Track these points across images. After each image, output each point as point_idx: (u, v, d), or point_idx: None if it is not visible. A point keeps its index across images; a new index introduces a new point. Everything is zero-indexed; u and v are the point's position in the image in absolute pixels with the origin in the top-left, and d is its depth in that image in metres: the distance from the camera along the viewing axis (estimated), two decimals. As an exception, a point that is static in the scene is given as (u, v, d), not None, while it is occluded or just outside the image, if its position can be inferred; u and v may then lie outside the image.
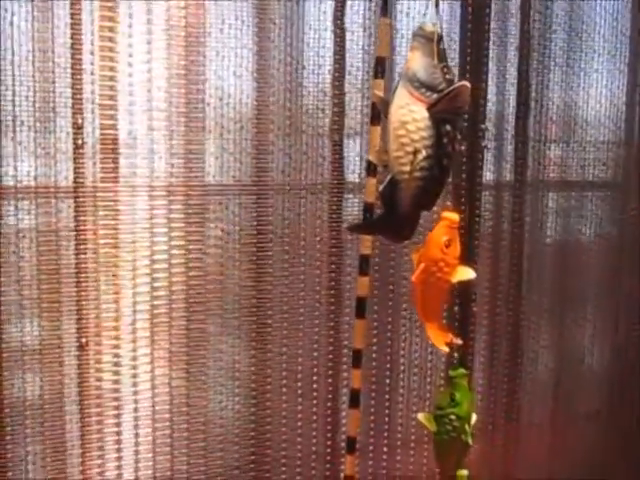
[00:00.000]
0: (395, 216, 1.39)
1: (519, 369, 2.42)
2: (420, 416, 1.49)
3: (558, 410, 2.51)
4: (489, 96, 2.28)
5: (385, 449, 2.15)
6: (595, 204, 2.54)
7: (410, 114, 1.34)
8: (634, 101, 2.57)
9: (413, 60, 1.36)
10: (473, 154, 2.16)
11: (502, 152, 2.34)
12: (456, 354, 1.51)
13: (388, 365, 2.14)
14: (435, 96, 1.34)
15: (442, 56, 1.37)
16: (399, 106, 1.35)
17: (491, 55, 2.28)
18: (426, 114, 1.34)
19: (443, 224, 1.39)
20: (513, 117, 2.34)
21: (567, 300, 2.49)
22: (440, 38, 1.37)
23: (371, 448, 2.14)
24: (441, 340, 1.42)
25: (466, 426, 1.43)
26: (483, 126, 2.15)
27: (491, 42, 2.25)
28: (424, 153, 1.33)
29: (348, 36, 2.05)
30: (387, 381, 2.13)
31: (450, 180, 2.14)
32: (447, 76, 1.36)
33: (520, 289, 2.38)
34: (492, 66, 2.29)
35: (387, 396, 2.13)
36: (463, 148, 2.16)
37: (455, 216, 1.39)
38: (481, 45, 2.15)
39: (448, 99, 1.33)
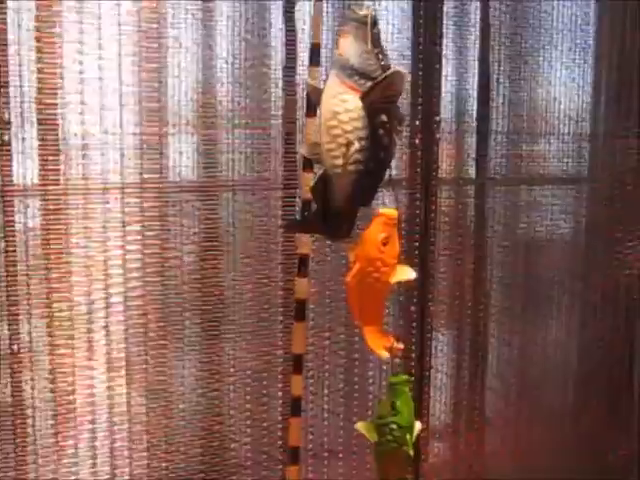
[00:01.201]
0: (329, 213, 1.27)
1: (483, 368, 2.31)
2: (359, 425, 1.36)
3: (522, 408, 2.41)
4: (451, 90, 2.18)
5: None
6: (559, 198, 2.44)
7: (342, 104, 1.22)
8: (599, 94, 2.45)
9: (345, 46, 1.24)
10: (428, 147, 2.03)
11: (463, 146, 2.23)
12: (398, 360, 1.36)
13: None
14: (369, 84, 1.21)
15: (377, 41, 1.25)
16: (330, 95, 1.23)
17: (452, 47, 2.18)
18: (359, 103, 1.22)
19: (379, 221, 1.26)
20: (475, 111, 2.23)
21: (530, 296, 2.39)
22: (375, 22, 1.25)
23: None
24: (380, 345, 1.30)
25: (407, 436, 1.31)
26: (437, 118, 2.03)
27: (449, 34, 2.15)
28: (357, 145, 1.21)
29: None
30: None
31: (405, 175, 2.04)
32: (382, 63, 1.24)
33: (483, 286, 2.28)
34: (453, 59, 2.19)
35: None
36: (418, 142, 2.03)
37: (393, 212, 1.27)
38: (434, 35, 2.02)
39: (382, 87, 1.21)
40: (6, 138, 1.70)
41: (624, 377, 2.50)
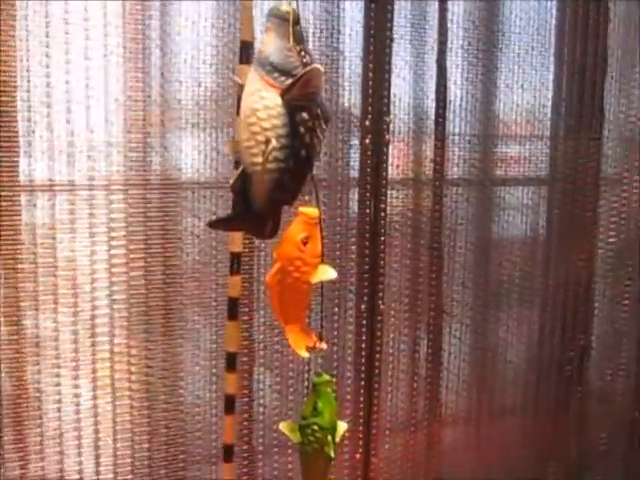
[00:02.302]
0: (251, 212, 1.23)
1: (439, 365, 2.27)
2: (282, 426, 1.33)
3: (479, 406, 2.37)
4: (409, 92, 2.15)
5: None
6: (518, 198, 2.40)
7: (261, 100, 1.18)
8: (560, 96, 2.42)
9: (266, 43, 1.20)
10: (378, 148, 1.99)
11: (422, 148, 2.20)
12: (320, 359, 1.32)
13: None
14: (289, 81, 1.17)
15: (299, 38, 1.21)
16: (250, 92, 1.19)
17: (410, 49, 2.15)
18: (279, 101, 1.18)
19: (300, 220, 1.23)
20: (433, 112, 2.19)
21: (487, 294, 2.35)
22: (297, 19, 1.21)
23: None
24: (302, 344, 1.26)
25: (329, 437, 1.27)
26: (387, 119, 1.98)
27: (406, 35, 2.11)
28: (274, 143, 1.17)
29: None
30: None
31: (356, 175, 2.00)
32: (304, 60, 1.20)
33: (439, 284, 2.24)
34: (410, 60, 2.15)
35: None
36: (368, 142, 1.99)
37: (313, 211, 1.24)
38: (384, 36, 1.98)
39: (301, 84, 1.17)
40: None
41: (576, 375, 2.45)
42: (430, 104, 2.22)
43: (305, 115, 1.19)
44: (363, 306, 2.03)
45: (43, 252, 1.76)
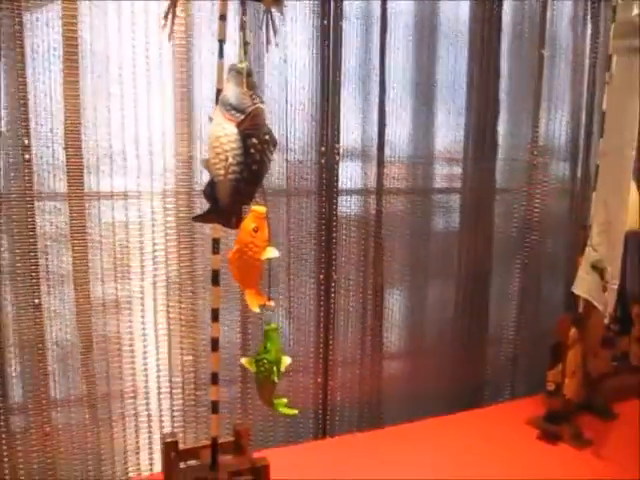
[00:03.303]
0: (219, 209, 1.21)
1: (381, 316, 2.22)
2: (243, 360, 1.33)
3: (411, 345, 2.32)
4: (359, 124, 2.07)
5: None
6: (440, 204, 2.35)
7: (223, 130, 1.18)
8: (469, 131, 2.35)
9: (227, 89, 1.20)
10: (331, 167, 1.96)
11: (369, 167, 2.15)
12: (266, 312, 1.29)
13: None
14: (243, 117, 1.16)
15: (251, 86, 1.20)
16: (215, 124, 1.20)
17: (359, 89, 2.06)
18: (235, 130, 1.18)
19: (252, 215, 1.24)
20: (376, 139, 2.13)
21: (420, 269, 2.31)
22: (249, 72, 1.20)
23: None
24: (256, 303, 1.25)
25: (274, 368, 1.26)
26: (337, 145, 1.95)
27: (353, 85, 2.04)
28: (231, 160, 1.17)
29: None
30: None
31: (316, 187, 1.97)
32: (255, 102, 1.19)
33: (380, 262, 2.18)
34: (359, 100, 2.08)
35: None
36: (324, 162, 1.95)
37: (261, 209, 1.23)
38: (337, 80, 1.96)
39: (250, 118, 1.16)
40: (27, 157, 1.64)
41: (481, 324, 2.43)
42: (374, 135, 2.15)
43: (254, 140, 1.19)
44: (322, 275, 2.00)
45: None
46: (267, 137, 1.20)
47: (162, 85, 1.75)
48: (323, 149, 1.94)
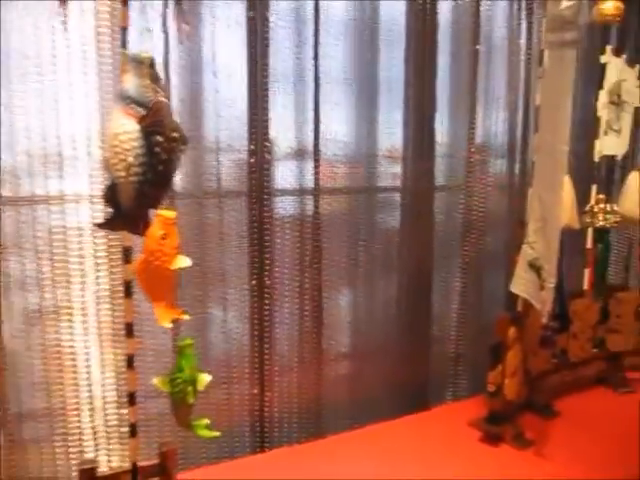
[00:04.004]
0: (123, 214, 1.08)
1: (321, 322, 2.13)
2: (156, 380, 1.20)
3: (352, 348, 2.25)
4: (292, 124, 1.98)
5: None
6: (378, 202, 2.27)
7: (122, 127, 1.06)
8: (407, 131, 2.29)
9: (126, 81, 1.07)
10: (261, 167, 1.85)
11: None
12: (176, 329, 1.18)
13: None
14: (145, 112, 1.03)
15: (154, 78, 1.08)
16: (114, 120, 1.05)
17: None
18: (137, 127, 1.05)
19: (159, 220, 1.11)
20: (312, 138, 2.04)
21: (360, 269, 2.23)
22: (152, 62, 1.07)
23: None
24: (166, 318, 1.13)
25: (189, 388, 1.15)
26: (267, 144, 1.85)
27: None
28: (131, 160, 1.04)
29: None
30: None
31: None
32: (158, 95, 1.06)
33: (319, 262, 2.09)
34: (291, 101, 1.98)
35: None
36: (253, 162, 1.84)
37: (170, 213, 1.11)
38: (265, 80, 1.84)
39: (152, 114, 1.04)
40: None
41: (423, 324, 2.38)
42: (309, 133, 2.05)
43: (160, 138, 1.07)
44: (254, 281, 1.89)
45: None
46: (175, 135, 1.09)
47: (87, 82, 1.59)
48: (252, 147, 1.83)
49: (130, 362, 1.31)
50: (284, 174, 1.99)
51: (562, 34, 1.58)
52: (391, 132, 2.27)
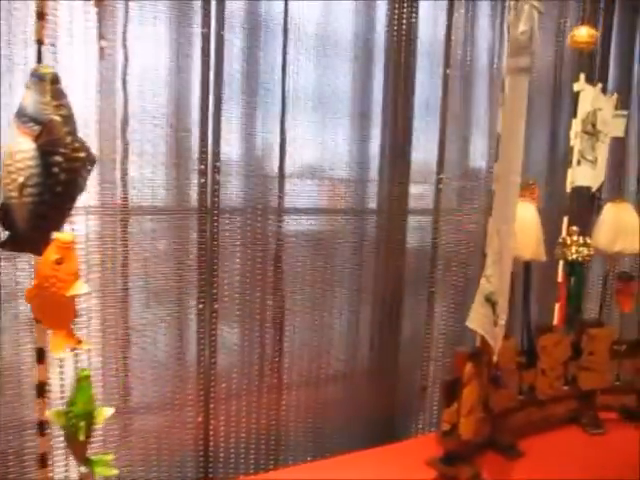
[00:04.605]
0: (20, 236, 1.02)
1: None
2: (49, 413, 1.12)
3: (310, 375, 2.16)
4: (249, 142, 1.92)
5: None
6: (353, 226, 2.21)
7: (17, 145, 1.01)
8: (384, 154, 2.23)
9: (25, 97, 1.02)
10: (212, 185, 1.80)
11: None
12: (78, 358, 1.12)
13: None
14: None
15: (57, 95, 1.03)
16: (9, 139, 0.99)
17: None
18: (33, 145, 0.99)
19: (54, 244, 1.04)
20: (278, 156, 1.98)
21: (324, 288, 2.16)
22: (55, 78, 1.02)
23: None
24: (61, 346, 1.06)
25: (81, 423, 1.07)
26: (217, 163, 1.79)
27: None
28: (22, 180, 0.98)
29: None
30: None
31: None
32: (61, 112, 1.01)
33: (279, 285, 2.02)
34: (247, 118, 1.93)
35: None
36: (204, 181, 1.79)
37: (67, 237, 1.05)
38: (219, 101, 1.79)
39: (46, 132, 0.98)
40: None
41: (392, 352, 2.30)
42: (273, 152, 1.99)
43: (58, 158, 1.01)
44: (201, 305, 1.82)
45: None
46: (79, 154, 1.03)
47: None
48: (202, 167, 1.78)
49: (41, 390, 1.24)
50: (247, 192, 1.94)
51: (518, 59, 1.51)
52: (362, 151, 2.23)
